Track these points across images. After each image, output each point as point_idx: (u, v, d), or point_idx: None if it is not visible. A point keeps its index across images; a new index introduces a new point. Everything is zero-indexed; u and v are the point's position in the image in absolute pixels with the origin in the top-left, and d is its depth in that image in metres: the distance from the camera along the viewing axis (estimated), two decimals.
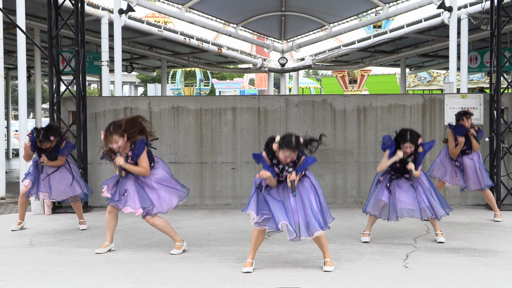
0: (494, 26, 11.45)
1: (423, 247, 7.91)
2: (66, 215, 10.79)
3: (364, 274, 6.52)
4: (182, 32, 23.77)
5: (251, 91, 50.78)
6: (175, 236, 7.76)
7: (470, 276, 6.43)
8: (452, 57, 17.08)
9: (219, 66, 31.75)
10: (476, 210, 11.16)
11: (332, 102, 11.97)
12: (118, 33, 17.51)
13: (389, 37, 23.58)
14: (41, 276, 6.56)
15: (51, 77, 11.43)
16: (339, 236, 8.76)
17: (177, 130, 11.91)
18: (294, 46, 27.30)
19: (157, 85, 50.08)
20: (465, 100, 11.81)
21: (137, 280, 6.32)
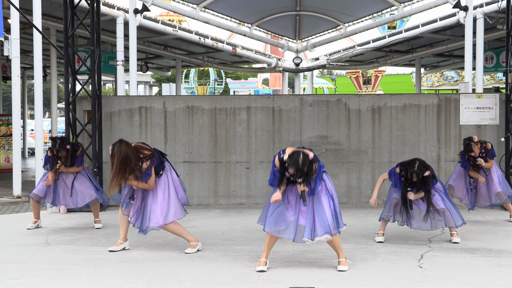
0: (510, 26, 11.39)
1: (438, 247, 7.88)
2: (81, 214, 10.84)
3: (378, 274, 6.51)
4: (196, 32, 23.80)
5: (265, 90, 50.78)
6: (189, 237, 7.79)
7: (485, 276, 6.40)
8: (468, 56, 16.99)
9: (234, 65, 31.74)
10: (491, 211, 11.10)
11: (346, 101, 11.95)
12: (133, 33, 17.56)
13: (404, 36, 23.48)
14: (56, 274, 6.60)
15: (66, 77, 11.49)
16: (353, 236, 8.74)
17: (192, 130, 11.93)
18: (308, 45, 27.26)
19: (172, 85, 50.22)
20: (480, 100, 11.75)
21: (151, 279, 6.35)
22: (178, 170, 11.88)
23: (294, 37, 26.74)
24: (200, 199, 11.93)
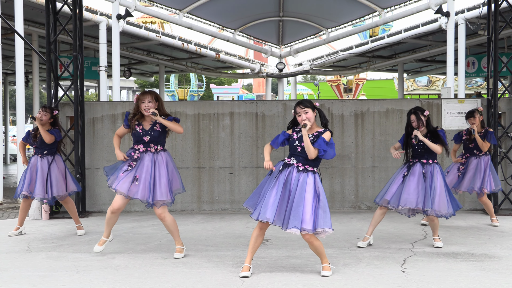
0: (492, 31, 11.48)
1: (421, 252, 7.92)
2: (63, 220, 10.78)
3: (361, 279, 6.52)
4: (180, 37, 23.80)
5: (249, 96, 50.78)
6: (178, 238, 7.75)
7: (467, 281, 6.43)
8: (450, 62, 17.12)
9: (217, 71, 31.77)
10: (473, 215, 11.18)
11: (329, 107, 11.99)
12: (116, 38, 17.54)
13: (386, 42, 23.61)
14: (38, 281, 6.55)
15: (49, 83, 11.44)
16: (336, 240, 8.76)
17: (175, 135, 11.91)
18: (292, 51, 27.33)
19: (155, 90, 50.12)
20: (462, 105, 11.83)
21: (134, 286, 6.32)
22: None
23: (277, 43, 26.80)
24: (183, 204, 11.91)
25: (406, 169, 8.24)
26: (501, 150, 11.41)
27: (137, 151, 7.54)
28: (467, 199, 11.79)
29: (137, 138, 7.54)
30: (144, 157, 7.50)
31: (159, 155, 7.54)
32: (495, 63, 11.34)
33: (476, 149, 9.90)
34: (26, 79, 26.38)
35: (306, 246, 8.36)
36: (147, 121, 7.55)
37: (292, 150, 6.84)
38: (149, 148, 7.53)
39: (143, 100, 7.44)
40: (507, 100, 11.86)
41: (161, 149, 7.60)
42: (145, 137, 7.51)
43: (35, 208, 11.03)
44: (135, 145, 7.58)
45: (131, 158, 7.53)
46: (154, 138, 7.52)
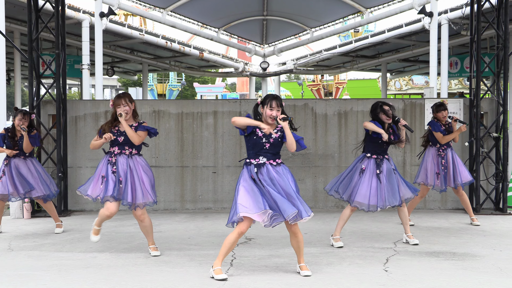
0: (474, 32, 11.53)
1: (403, 251, 7.94)
2: (45, 219, 10.72)
3: (344, 278, 6.53)
4: (163, 36, 23.74)
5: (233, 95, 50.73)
6: (152, 239, 7.84)
7: (449, 279, 6.46)
8: (433, 62, 17.20)
9: (201, 70, 31.74)
10: (455, 214, 11.23)
11: (313, 106, 12.00)
12: (99, 36, 17.46)
13: (370, 42, 23.68)
14: (20, 280, 6.50)
15: (31, 80, 11.36)
16: (319, 240, 8.77)
17: (158, 134, 11.86)
18: (275, 50, 27.36)
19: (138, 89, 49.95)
20: None
21: (116, 285, 6.29)
22: None
23: (261, 42, 26.82)
24: (166, 203, 11.87)
25: (376, 166, 8.25)
26: (483, 150, 11.47)
27: (112, 154, 7.54)
28: (449, 198, 11.85)
29: (112, 140, 7.55)
30: (119, 159, 7.51)
31: (133, 159, 7.55)
32: (478, 63, 11.40)
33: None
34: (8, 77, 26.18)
35: (289, 245, 8.36)
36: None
37: (258, 148, 6.67)
38: (124, 150, 7.53)
39: (118, 105, 7.52)
40: (489, 100, 11.92)
41: (136, 153, 7.61)
42: (120, 137, 7.51)
43: (16, 207, 10.95)
44: (111, 148, 7.59)
45: (110, 162, 7.50)
46: (129, 140, 7.49)
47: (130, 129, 7.45)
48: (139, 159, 7.61)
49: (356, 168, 8.37)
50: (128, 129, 7.43)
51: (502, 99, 11.45)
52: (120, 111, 7.47)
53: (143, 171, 7.57)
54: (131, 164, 7.51)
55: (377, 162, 8.27)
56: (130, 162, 7.52)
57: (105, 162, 7.53)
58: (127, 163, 7.49)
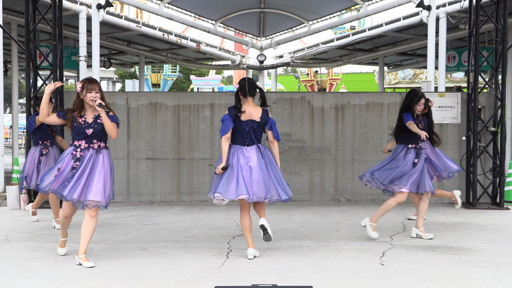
0: (472, 25, 11.52)
1: (399, 245, 7.95)
2: (42, 210, 10.69)
3: (340, 271, 6.53)
4: (160, 28, 23.67)
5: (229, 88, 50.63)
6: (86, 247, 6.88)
7: (445, 273, 6.46)
8: (430, 56, 17.17)
9: (198, 62, 31.65)
10: (452, 209, 11.24)
11: (310, 99, 11.99)
12: (96, 28, 17.40)
13: (367, 35, 23.62)
14: (16, 271, 6.50)
15: (28, 72, 11.33)
16: (315, 233, 8.77)
17: (155, 126, 11.86)
18: (272, 43, 27.30)
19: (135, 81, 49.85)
20: (442, 99, 11.88)
21: (113, 276, 6.28)
22: (141, 167, 11.81)
23: (258, 35, 26.76)
24: (162, 196, 11.86)
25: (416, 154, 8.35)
26: (481, 144, 11.47)
27: (78, 149, 6.82)
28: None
29: (78, 131, 6.82)
30: (86, 155, 6.79)
31: (100, 154, 6.84)
32: (476, 57, 11.39)
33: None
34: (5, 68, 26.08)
35: (286, 237, 8.37)
36: (90, 112, 6.88)
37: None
38: (92, 144, 6.81)
39: (90, 89, 6.76)
40: (487, 94, 11.93)
41: (104, 146, 6.93)
42: (88, 129, 6.80)
43: (13, 197, 10.94)
44: (76, 141, 6.84)
45: (74, 157, 6.80)
46: (98, 132, 6.82)
47: (109, 121, 6.73)
48: (106, 154, 6.91)
49: (400, 158, 8.34)
50: (108, 121, 6.72)
51: (500, 93, 11.45)
52: (95, 99, 6.72)
53: (109, 169, 6.92)
54: (98, 160, 6.81)
55: (416, 152, 8.33)
56: (97, 159, 6.81)
57: (69, 155, 6.82)
58: (93, 160, 6.79)
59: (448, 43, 21.04)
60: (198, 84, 49.47)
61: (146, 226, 9.25)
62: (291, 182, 11.75)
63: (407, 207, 11.36)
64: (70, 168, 6.77)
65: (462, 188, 11.75)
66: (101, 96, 6.81)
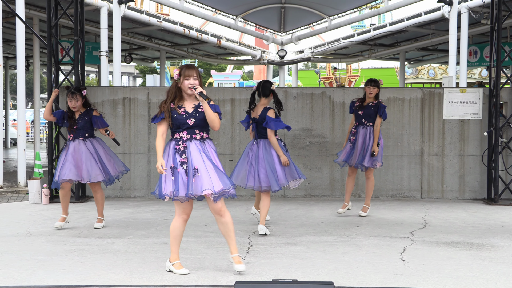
0: (495, 21, 11.43)
1: (420, 241, 7.91)
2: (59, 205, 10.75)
3: (361, 267, 6.52)
4: (181, 23, 23.73)
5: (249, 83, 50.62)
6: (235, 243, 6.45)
7: (467, 270, 6.43)
8: (452, 51, 17.09)
9: (218, 57, 31.71)
10: (473, 205, 11.17)
11: (331, 94, 11.96)
12: (117, 23, 17.50)
13: (388, 30, 23.55)
14: (38, 265, 6.56)
15: (49, 67, 11.40)
16: (336, 228, 8.76)
17: None
18: (293, 38, 27.27)
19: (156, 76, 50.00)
20: (464, 94, 11.80)
21: (134, 270, 6.32)
22: None
23: (279, 30, 26.73)
24: None
25: None
26: (502, 140, 11.39)
27: (180, 141, 6.28)
28: (467, 189, 11.79)
29: (179, 123, 6.26)
30: (189, 146, 6.26)
31: (205, 144, 6.36)
32: (498, 52, 11.29)
33: (364, 118, 9.49)
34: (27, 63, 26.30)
35: (306, 233, 8.37)
36: (190, 101, 6.35)
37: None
38: (194, 135, 6.28)
39: (188, 76, 6.23)
40: (509, 89, 11.83)
41: (207, 136, 6.40)
42: (189, 120, 6.24)
43: (35, 192, 11.03)
44: (176, 134, 6.29)
45: (178, 151, 6.26)
46: (200, 122, 6.26)
47: (211, 110, 6.15)
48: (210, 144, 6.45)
49: None
50: (210, 111, 6.15)
51: None
52: (195, 86, 6.19)
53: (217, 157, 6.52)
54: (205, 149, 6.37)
55: None
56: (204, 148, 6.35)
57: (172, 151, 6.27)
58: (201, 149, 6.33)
59: (470, 38, 20.91)
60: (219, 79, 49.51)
61: (166, 221, 9.28)
62: (311, 178, 11.75)
63: (428, 202, 11.31)
64: (180, 164, 6.23)
65: (484, 184, 11.68)
66: (200, 83, 6.29)
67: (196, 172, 6.20)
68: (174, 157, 6.24)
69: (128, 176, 11.79)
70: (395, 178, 11.87)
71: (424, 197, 11.85)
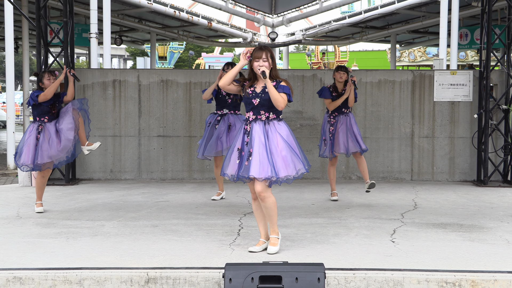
0: (485, 3, 11.41)
1: (410, 222, 7.94)
2: (53, 187, 10.75)
3: (351, 249, 6.54)
4: (171, 5, 23.60)
5: None
6: (275, 227, 6.48)
7: (456, 251, 6.46)
8: (443, 33, 17.04)
9: (209, 40, 31.59)
10: (463, 186, 11.22)
11: (322, 77, 11.94)
12: (107, 5, 17.37)
13: (379, 12, 23.49)
14: (28, 247, 6.54)
15: (39, 49, 11.33)
16: (327, 210, 8.78)
17: (166, 104, 11.86)
18: (284, 20, 27.18)
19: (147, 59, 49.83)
20: (454, 77, 11.81)
21: (124, 253, 6.32)
22: (152, 144, 11.83)
23: (270, 12, 26.60)
24: (174, 173, 11.89)
25: None
26: (492, 122, 11.41)
27: (247, 121, 6.44)
28: (457, 171, 11.83)
29: (246, 101, 6.43)
30: (254, 127, 6.35)
31: (269, 125, 6.38)
32: (488, 35, 11.28)
33: (344, 107, 9.45)
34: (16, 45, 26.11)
35: (297, 215, 8.38)
36: (261, 82, 6.44)
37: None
38: (259, 116, 6.38)
39: (257, 57, 6.35)
40: (499, 72, 11.84)
41: (274, 117, 6.43)
42: (255, 99, 6.37)
43: (24, 174, 10.99)
44: (246, 113, 6.47)
45: (246, 131, 6.40)
46: (265, 102, 6.35)
47: (274, 90, 6.29)
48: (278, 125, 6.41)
49: None
50: (272, 90, 6.28)
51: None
52: (260, 67, 6.32)
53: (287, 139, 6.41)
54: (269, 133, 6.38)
55: None
56: (267, 132, 6.36)
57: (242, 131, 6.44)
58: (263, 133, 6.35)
59: (461, 20, 20.89)
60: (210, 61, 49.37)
61: (157, 204, 9.28)
62: None
63: (418, 185, 11.35)
64: (245, 144, 6.36)
65: (473, 166, 11.72)
66: (269, 65, 6.36)
67: (250, 156, 6.28)
68: (242, 137, 6.42)
69: (119, 158, 11.77)
70: (385, 160, 11.89)
71: (415, 179, 11.88)
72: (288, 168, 6.30)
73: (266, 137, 6.31)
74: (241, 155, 6.36)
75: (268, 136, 6.33)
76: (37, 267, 5.78)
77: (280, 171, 6.26)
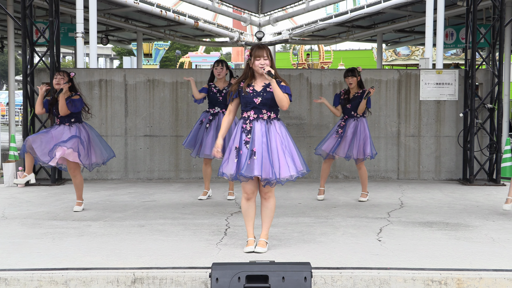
0: (470, 2, 11.46)
1: (397, 221, 7.97)
2: (39, 188, 10.71)
3: (338, 248, 6.56)
4: (158, 4, 23.54)
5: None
6: (268, 230, 6.58)
7: (442, 249, 6.49)
8: (428, 33, 17.09)
9: (196, 39, 31.51)
10: (449, 185, 11.27)
11: (308, 76, 11.96)
12: (93, 4, 17.28)
13: (366, 12, 23.53)
14: (13, 248, 6.51)
15: (24, 48, 11.27)
16: (313, 209, 8.80)
17: (153, 103, 11.84)
18: (271, 20, 27.18)
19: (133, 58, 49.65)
20: (440, 76, 11.86)
21: (110, 253, 6.30)
22: (139, 144, 11.81)
23: (256, 11, 26.60)
24: (161, 173, 11.87)
25: None
26: (478, 121, 11.47)
27: (247, 121, 6.38)
28: (443, 169, 11.88)
29: (246, 101, 6.36)
30: (255, 126, 6.33)
31: (271, 125, 6.38)
32: (474, 34, 11.34)
33: (354, 111, 9.39)
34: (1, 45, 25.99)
35: (284, 214, 8.39)
36: (260, 81, 6.42)
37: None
38: (261, 115, 6.36)
39: (258, 56, 6.29)
40: (485, 71, 11.90)
41: (275, 117, 6.44)
42: (256, 98, 6.32)
43: (10, 175, 10.94)
44: (245, 113, 6.41)
45: (244, 130, 6.36)
46: (267, 101, 6.33)
47: (279, 90, 6.22)
48: (279, 125, 6.48)
49: None
50: (278, 90, 6.22)
51: (497, 70, 11.42)
52: (264, 66, 6.27)
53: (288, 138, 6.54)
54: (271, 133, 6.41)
55: None
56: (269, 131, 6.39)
57: (240, 130, 6.39)
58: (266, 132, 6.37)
59: (446, 20, 20.96)
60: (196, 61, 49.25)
61: (144, 203, 9.26)
62: None
63: (404, 183, 11.39)
64: (244, 143, 6.32)
65: (459, 164, 11.78)
66: (270, 64, 6.32)
67: (253, 155, 6.26)
68: (241, 136, 6.36)
69: None
70: (372, 160, 11.90)
71: (401, 178, 11.93)
72: (291, 167, 6.41)
73: (268, 137, 6.32)
74: (239, 154, 6.31)
75: (270, 135, 6.34)
76: (22, 267, 5.75)
77: (285, 170, 6.34)
